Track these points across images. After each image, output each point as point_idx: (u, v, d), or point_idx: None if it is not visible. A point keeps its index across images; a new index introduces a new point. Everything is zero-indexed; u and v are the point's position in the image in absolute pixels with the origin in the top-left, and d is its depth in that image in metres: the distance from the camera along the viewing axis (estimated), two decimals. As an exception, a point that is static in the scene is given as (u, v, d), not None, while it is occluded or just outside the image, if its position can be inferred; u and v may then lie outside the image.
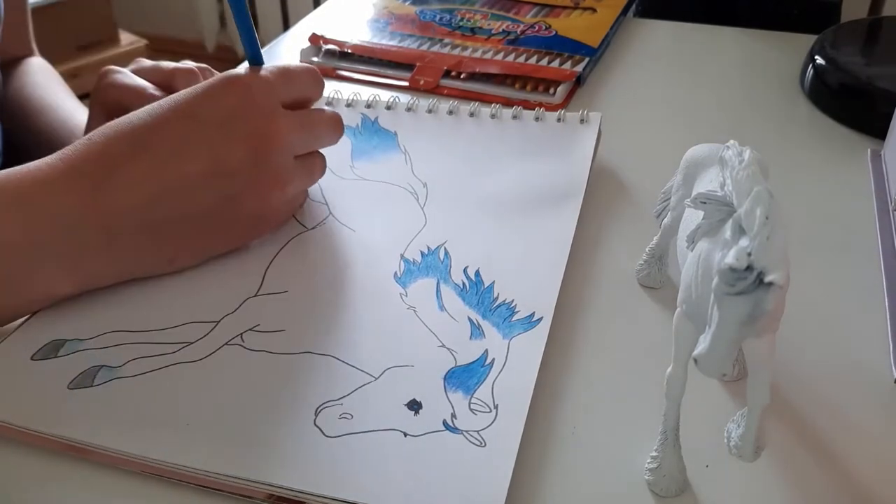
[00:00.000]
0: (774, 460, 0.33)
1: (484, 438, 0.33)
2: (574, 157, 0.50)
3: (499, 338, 0.37)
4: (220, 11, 2.52)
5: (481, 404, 0.34)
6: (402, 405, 0.34)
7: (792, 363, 0.37)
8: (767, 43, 0.69)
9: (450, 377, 0.35)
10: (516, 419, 0.33)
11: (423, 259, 0.43)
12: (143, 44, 2.04)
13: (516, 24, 0.69)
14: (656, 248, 0.42)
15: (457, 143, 0.52)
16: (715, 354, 0.25)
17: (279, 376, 0.36)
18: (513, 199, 0.47)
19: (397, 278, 0.41)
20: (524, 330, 0.38)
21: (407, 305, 0.40)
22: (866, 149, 0.53)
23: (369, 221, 0.46)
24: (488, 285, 0.41)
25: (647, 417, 0.34)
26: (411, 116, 0.55)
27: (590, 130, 0.52)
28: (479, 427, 0.33)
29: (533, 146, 0.52)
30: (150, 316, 0.39)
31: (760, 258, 0.23)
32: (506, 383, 0.35)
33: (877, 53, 0.63)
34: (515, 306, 0.39)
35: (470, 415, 0.34)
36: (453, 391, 0.35)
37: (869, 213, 0.48)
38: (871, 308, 0.41)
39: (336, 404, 0.34)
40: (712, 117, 0.59)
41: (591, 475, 0.33)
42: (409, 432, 0.33)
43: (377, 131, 0.54)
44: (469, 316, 0.39)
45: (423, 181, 0.49)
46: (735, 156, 0.28)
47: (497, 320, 0.38)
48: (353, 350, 0.37)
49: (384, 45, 0.66)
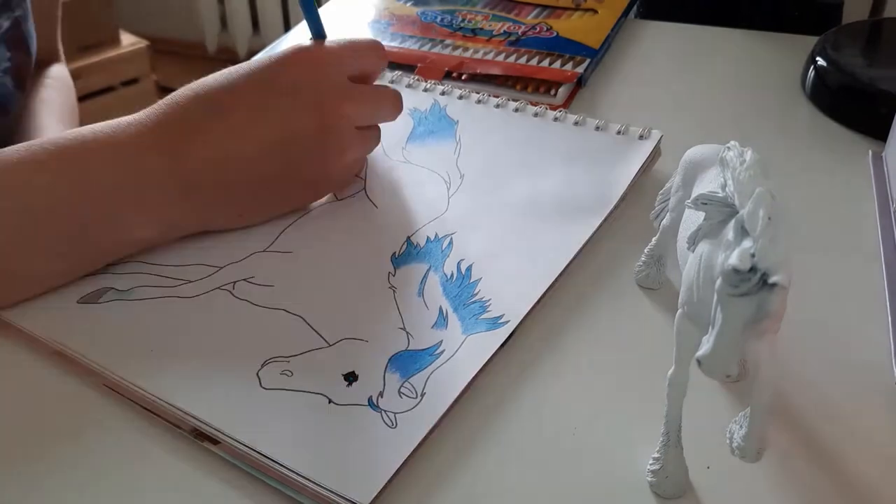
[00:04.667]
0: (776, 461, 0.33)
1: (397, 420, 0.34)
2: (616, 173, 0.49)
3: (458, 332, 0.38)
4: (220, 12, 2.52)
5: (410, 389, 0.35)
6: (341, 375, 0.36)
7: (793, 364, 0.37)
8: (768, 44, 0.69)
9: (395, 359, 0.37)
10: (435, 410, 0.34)
11: (426, 245, 0.44)
12: (144, 45, 2.04)
13: (517, 25, 0.69)
14: (655, 249, 0.42)
15: (511, 141, 0.52)
16: (718, 355, 0.25)
17: (248, 326, 0.39)
18: (538, 204, 0.47)
19: (394, 258, 0.43)
20: (485, 329, 0.38)
21: (389, 285, 0.41)
22: (867, 150, 0.53)
23: (394, 201, 0.47)
24: (473, 281, 0.41)
25: (648, 419, 0.34)
26: (479, 108, 0.56)
27: (645, 147, 0.50)
28: (399, 410, 0.34)
29: (583, 154, 0.51)
30: (171, 254, 0.43)
31: (764, 259, 0.23)
32: (443, 375, 0.36)
33: (878, 55, 0.63)
34: (488, 306, 0.40)
35: (395, 397, 0.35)
36: (392, 372, 0.36)
37: (870, 214, 0.48)
38: (872, 309, 0.41)
39: (283, 361, 0.37)
40: (713, 118, 0.59)
41: (593, 477, 0.33)
42: (333, 400, 0.35)
43: (441, 118, 0.55)
44: (441, 305, 0.40)
45: (462, 172, 0.50)
46: (736, 157, 0.28)
47: (465, 315, 0.39)
48: (322, 316, 0.39)
49: (385, 47, 0.66)
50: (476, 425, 0.35)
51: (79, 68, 1.88)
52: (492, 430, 0.35)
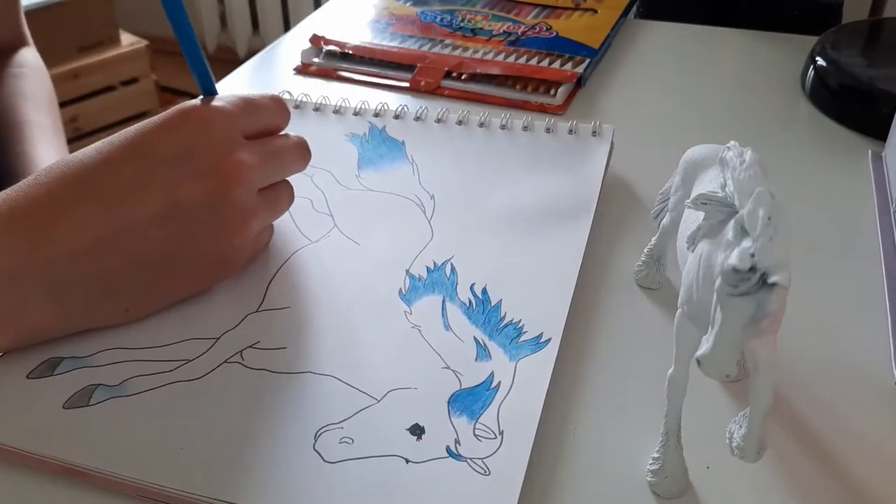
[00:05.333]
0: (776, 461, 0.33)
1: (488, 466, 0.32)
2: (586, 172, 0.49)
3: (505, 360, 0.36)
4: (220, 12, 2.52)
5: (486, 430, 0.33)
6: (405, 430, 0.33)
7: (793, 364, 0.37)
8: (768, 44, 0.69)
9: (454, 401, 0.34)
10: (522, 446, 0.32)
11: (428, 275, 0.41)
12: (143, 44, 2.04)
13: (517, 25, 0.69)
14: (655, 248, 0.42)
15: (465, 154, 0.51)
16: (718, 355, 0.25)
17: (278, 397, 0.35)
18: (522, 214, 0.45)
19: (402, 295, 0.40)
20: (531, 352, 0.37)
21: (412, 324, 0.38)
22: (867, 150, 0.53)
23: (374, 234, 0.45)
24: (495, 304, 0.39)
25: (648, 419, 0.34)
26: (420, 125, 0.54)
27: (602, 143, 0.51)
28: (484, 454, 0.32)
29: (543, 159, 0.50)
30: (150, 333, 0.38)
31: (763, 259, 0.23)
32: (512, 408, 0.34)
33: (878, 55, 0.63)
34: (523, 326, 0.38)
35: (474, 441, 0.32)
36: (457, 416, 0.34)
37: (870, 214, 0.48)
38: (871, 309, 0.41)
39: (336, 428, 0.33)
40: (713, 118, 0.59)
41: (593, 476, 0.33)
42: (411, 459, 0.32)
43: (384, 140, 0.53)
44: (475, 336, 0.38)
45: (430, 193, 0.48)
46: (736, 157, 0.28)
47: (504, 341, 0.37)
48: (355, 370, 0.36)
49: (385, 47, 0.66)
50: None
51: (78, 68, 1.88)
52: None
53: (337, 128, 0.54)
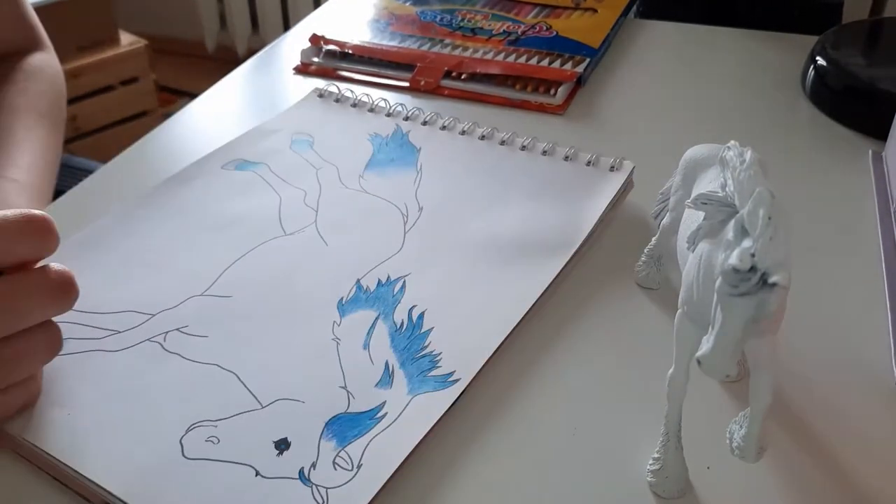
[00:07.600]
0: (776, 461, 0.33)
1: (328, 497, 0.31)
2: (584, 208, 0.46)
3: (403, 392, 0.35)
4: (220, 11, 2.52)
5: (346, 460, 0.32)
6: (271, 442, 0.33)
7: (793, 364, 0.37)
8: (768, 44, 0.69)
9: (333, 422, 0.33)
10: (370, 485, 0.31)
11: (376, 288, 0.40)
12: (143, 44, 2.04)
13: (517, 24, 0.69)
14: (655, 248, 0.42)
15: (474, 170, 0.50)
16: (718, 355, 0.25)
17: (176, 384, 0.35)
18: (499, 241, 0.43)
19: (340, 305, 0.39)
20: (434, 389, 0.35)
21: (333, 336, 0.38)
22: (867, 150, 0.53)
23: (346, 237, 0.44)
24: (424, 331, 0.38)
25: (648, 419, 0.34)
26: (444, 135, 0.53)
27: (615, 180, 0.48)
28: (332, 485, 0.31)
29: (552, 187, 0.48)
30: (102, 297, 0.39)
31: (764, 259, 0.23)
32: (383, 443, 0.33)
33: (878, 54, 0.63)
34: (439, 361, 0.36)
35: (330, 468, 0.32)
36: (328, 439, 0.33)
37: (870, 214, 0.48)
38: (872, 309, 0.41)
39: (210, 425, 0.33)
40: (713, 118, 0.59)
41: (593, 477, 0.33)
42: (261, 472, 0.31)
43: (403, 145, 0.53)
44: (388, 360, 0.36)
45: (421, 204, 0.47)
46: (736, 156, 0.28)
47: (413, 371, 0.36)
48: (256, 373, 0.36)
49: (385, 46, 0.66)
50: (476, 425, 0.35)
51: (78, 68, 1.88)
52: (492, 430, 0.35)
53: (362, 126, 0.55)
